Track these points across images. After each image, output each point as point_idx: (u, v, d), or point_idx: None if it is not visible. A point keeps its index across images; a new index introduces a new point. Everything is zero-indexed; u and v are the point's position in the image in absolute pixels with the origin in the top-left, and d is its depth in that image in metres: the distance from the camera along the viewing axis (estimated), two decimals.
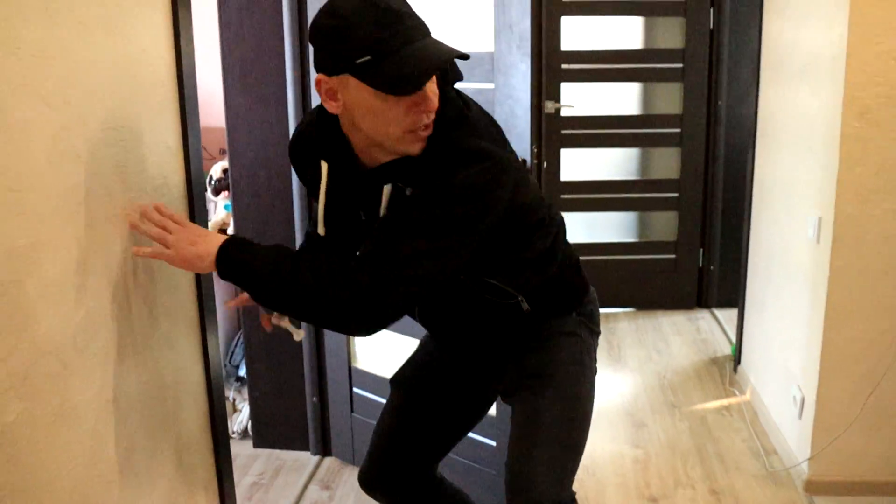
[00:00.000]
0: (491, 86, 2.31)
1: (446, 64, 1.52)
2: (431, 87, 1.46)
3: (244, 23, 2.78)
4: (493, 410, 2.51)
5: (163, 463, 1.72)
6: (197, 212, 1.80)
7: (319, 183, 1.66)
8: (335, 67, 1.44)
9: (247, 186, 2.91)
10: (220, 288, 2.99)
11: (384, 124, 1.48)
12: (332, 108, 1.51)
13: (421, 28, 1.46)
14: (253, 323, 3.00)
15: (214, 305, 1.93)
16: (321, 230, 1.72)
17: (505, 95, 2.28)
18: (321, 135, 1.64)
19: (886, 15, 2.44)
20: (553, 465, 1.72)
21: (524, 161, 2.16)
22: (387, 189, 1.56)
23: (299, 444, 3.13)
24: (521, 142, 2.24)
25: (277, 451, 3.14)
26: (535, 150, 2.23)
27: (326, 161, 1.63)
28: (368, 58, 1.40)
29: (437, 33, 1.51)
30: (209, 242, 1.52)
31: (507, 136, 1.75)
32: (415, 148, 1.51)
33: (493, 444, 2.57)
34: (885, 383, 2.65)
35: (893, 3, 2.43)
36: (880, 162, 2.53)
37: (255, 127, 2.87)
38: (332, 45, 1.43)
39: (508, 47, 2.24)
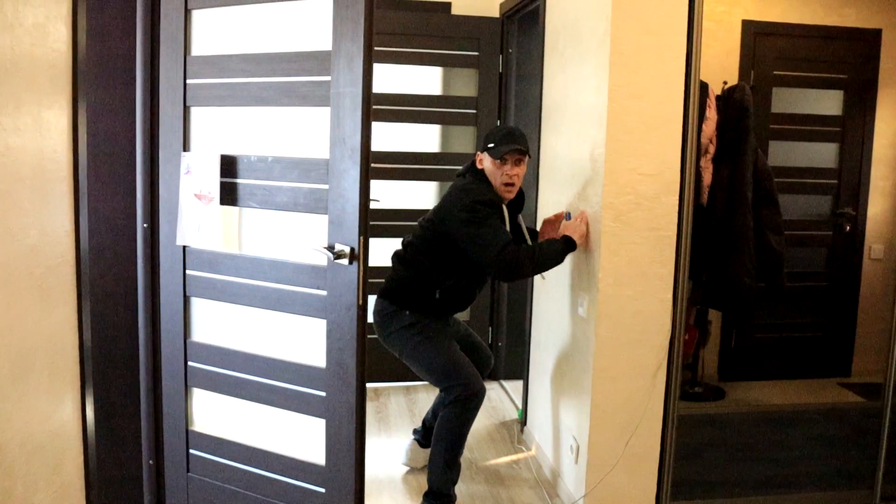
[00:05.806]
0: (326, 187, 2.71)
1: (516, 152, 3.33)
2: (516, 168, 3.36)
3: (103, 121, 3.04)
4: (322, 460, 2.87)
5: None
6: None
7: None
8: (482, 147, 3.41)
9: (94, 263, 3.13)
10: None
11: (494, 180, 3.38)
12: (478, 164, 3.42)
13: (519, 140, 3.36)
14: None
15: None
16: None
17: (337, 195, 2.67)
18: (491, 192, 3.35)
19: (633, 140, 3.04)
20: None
21: (352, 249, 2.64)
22: (507, 214, 3.40)
23: None
24: (350, 233, 2.64)
25: None
26: (363, 241, 2.67)
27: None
28: (492, 144, 3.37)
29: (282, 143, 2.64)
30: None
31: (339, 228, 2.60)
32: (508, 196, 3.42)
33: (322, 490, 2.86)
34: (640, 430, 3.21)
35: (636, 134, 3.03)
36: (630, 254, 3.10)
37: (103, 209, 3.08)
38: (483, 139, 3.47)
39: (342, 156, 2.65)
